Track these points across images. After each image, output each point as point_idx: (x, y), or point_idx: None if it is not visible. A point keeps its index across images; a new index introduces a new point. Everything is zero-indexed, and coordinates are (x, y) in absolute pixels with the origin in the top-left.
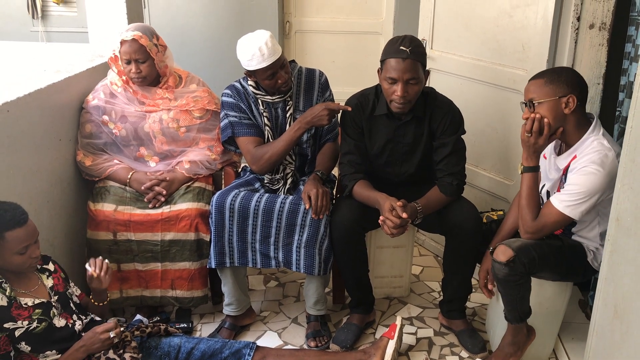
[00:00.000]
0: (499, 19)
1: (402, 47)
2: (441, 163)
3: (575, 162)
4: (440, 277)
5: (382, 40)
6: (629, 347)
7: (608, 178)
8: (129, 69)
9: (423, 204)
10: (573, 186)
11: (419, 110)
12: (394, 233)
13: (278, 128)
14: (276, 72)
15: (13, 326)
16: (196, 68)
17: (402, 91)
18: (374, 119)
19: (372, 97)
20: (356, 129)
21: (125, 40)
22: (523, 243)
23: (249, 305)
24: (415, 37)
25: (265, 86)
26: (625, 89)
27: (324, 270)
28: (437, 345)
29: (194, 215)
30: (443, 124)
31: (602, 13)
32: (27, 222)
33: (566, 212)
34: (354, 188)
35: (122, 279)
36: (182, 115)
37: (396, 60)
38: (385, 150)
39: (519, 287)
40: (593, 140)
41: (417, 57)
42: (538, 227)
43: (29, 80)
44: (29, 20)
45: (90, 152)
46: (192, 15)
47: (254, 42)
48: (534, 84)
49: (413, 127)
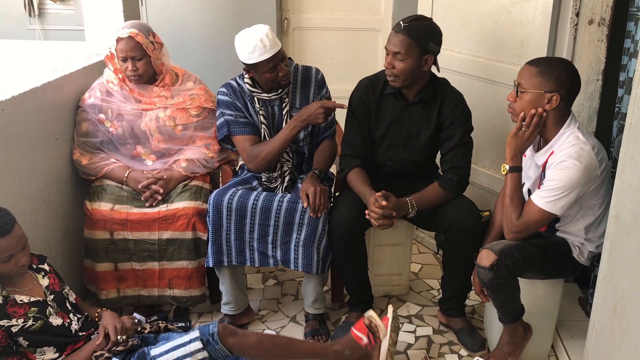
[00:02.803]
0: (498, 15)
1: (400, 22)
2: (446, 155)
3: (553, 158)
4: (440, 275)
5: (380, 37)
6: (629, 345)
7: (586, 171)
8: (125, 67)
9: (416, 198)
10: (551, 182)
11: (427, 94)
12: (381, 224)
13: (275, 126)
14: (277, 65)
15: (8, 324)
16: (194, 66)
17: (388, 62)
18: (383, 98)
19: (384, 78)
20: (363, 109)
21: (121, 38)
22: (506, 245)
23: (247, 304)
24: (428, 21)
25: (266, 80)
26: (625, 85)
27: (322, 269)
28: (436, 343)
29: (191, 213)
30: (453, 113)
31: (601, 9)
32: (12, 231)
33: (547, 209)
34: (348, 174)
35: (119, 278)
36: (178, 114)
37: (391, 32)
38: (388, 132)
39: (506, 290)
40: (569, 134)
41: (411, 34)
42: (522, 226)
43: (24, 79)
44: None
45: (87, 150)
46: (189, 13)
47: (254, 35)
48: (526, 70)
49: (419, 111)
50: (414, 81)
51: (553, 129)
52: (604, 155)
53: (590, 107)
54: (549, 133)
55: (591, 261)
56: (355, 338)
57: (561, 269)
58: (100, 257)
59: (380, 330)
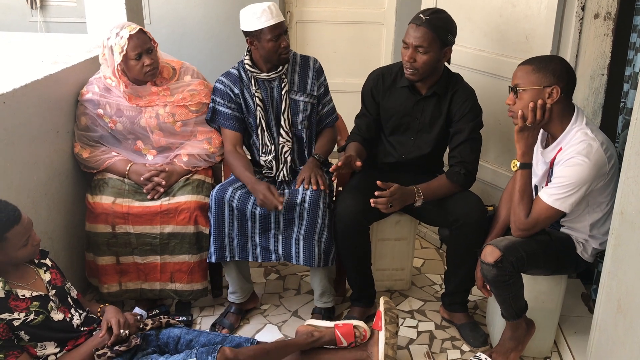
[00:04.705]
0: (502, 8)
1: (420, 15)
2: (455, 150)
3: (561, 154)
4: (442, 270)
5: (384, 30)
6: (633, 342)
7: (595, 168)
8: (142, 64)
9: (423, 187)
10: (560, 178)
11: (440, 88)
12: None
13: (273, 107)
14: (280, 35)
15: (10, 317)
16: (196, 59)
17: (409, 56)
18: (395, 90)
19: (397, 70)
20: (371, 100)
21: (132, 35)
22: (510, 242)
23: (252, 290)
24: (445, 13)
25: (268, 50)
26: (630, 80)
27: (325, 262)
28: (438, 338)
29: (193, 207)
30: (463, 108)
31: (607, 2)
32: (22, 216)
33: (556, 206)
34: (348, 143)
35: (121, 272)
36: (178, 110)
37: (411, 26)
38: (401, 124)
39: (509, 286)
40: (577, 130)
41: (432, 28)
42: (530, 224)
43: (26, 72)
44: (28, 11)
45: (87, 144)
46: (191, 6)
47: (262, 3)
48: (521, 70)
49: (432, 104)
50: (431, 74)
51: (559, 124)
52: (612, 151)
53: (595, 101)
54: (556, 128)
55: (595, 257)
56: (337, 339)
57: (565, 265)
58: (102, 250)
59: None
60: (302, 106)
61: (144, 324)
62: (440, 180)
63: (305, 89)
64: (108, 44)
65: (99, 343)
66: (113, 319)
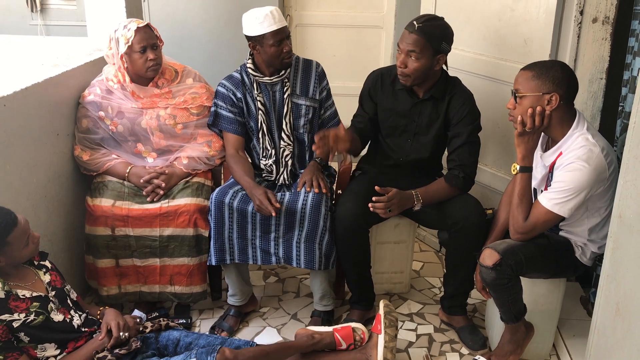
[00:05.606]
0: (501, 12)
1: (414, 22)
2: (453, 153)
3: (562, 159)
4: (441, 273)
5: (383, 34)
6: (631, 345)
7: (595, 173)
8: (145, 58)
9: (421, 191)
10: (560, 183)
11: (437, 91)
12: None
13: (275, 110)
14: (283, 40)
15: (10, 318)
16: (196, 62)
17: (400, 62)
18: (394, 91)
19: (396, 71)
20: (368, 100)
21: (140, 28)
22: (509, 245)
23: (251, 292)
24: (441, 20)
25: (271, 54)
26: (629, 83)
27: (326, 265)
28: (437, 341)
29: (192, 210)
30: (461, 112)
31: (606, 7)
32: (18, 218)
33: (555, 210)
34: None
35: (120, 275)
36: (179, 112)
37: (404, 31)
38: (398, 126)
39: (508, 289)
40: (578, 135)
41: (424, 35)
42: (529, 227)
43: (26, 74)
44: (28, 14)
45: (88, 146)
46: (192, 8)
47: (264, 8)
48: (522, 75)
49: (430, 108)
50: (424, 79)
51: (559, 129)
52: (613, 157)
53: (593, 105)
54: (556, 133)
55: (593, 261)
56: (336, 341)
57: (563, 268)
58: (101, 253)
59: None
60: (304, 110)
61: (144, 326)
62: (439, 184)
63: (308, 93)
64: (115, 36)
65: (99, 346)
66: (113, 321)
